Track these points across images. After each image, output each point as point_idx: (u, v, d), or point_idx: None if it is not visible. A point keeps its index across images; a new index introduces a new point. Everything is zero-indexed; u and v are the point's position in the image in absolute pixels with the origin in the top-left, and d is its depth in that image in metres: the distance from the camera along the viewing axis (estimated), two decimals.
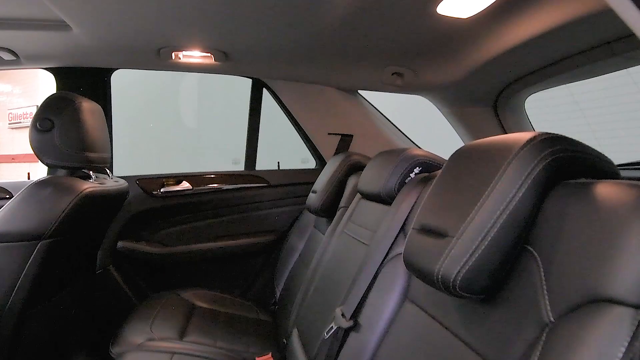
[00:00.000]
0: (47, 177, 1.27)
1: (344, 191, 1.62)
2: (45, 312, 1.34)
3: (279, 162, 2.29)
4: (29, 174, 2.18)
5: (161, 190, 2.02)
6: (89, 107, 1.35)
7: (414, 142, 2.30)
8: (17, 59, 1.66)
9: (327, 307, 1.12)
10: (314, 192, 1.77)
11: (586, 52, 1.41)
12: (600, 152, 0.59)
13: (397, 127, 2.30)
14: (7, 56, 1.63)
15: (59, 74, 1.84)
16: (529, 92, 1.85)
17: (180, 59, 1.74)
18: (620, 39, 1.29)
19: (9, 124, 6.24)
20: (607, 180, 0.52)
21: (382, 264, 0.94)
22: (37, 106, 1.30)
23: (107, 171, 1.58)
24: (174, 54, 1.70)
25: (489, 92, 1.88)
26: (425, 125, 2.52)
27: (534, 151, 0.55)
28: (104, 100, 1.90)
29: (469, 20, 1.31)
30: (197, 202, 2.10)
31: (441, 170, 0.76)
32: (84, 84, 1.86)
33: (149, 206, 2.01)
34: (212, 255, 2.07)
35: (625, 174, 0.59)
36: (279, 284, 1.88)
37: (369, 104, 2.26)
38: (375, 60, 1.75)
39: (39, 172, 2.25)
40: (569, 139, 0.57)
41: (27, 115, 6.02)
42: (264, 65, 1.90)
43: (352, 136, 2.20)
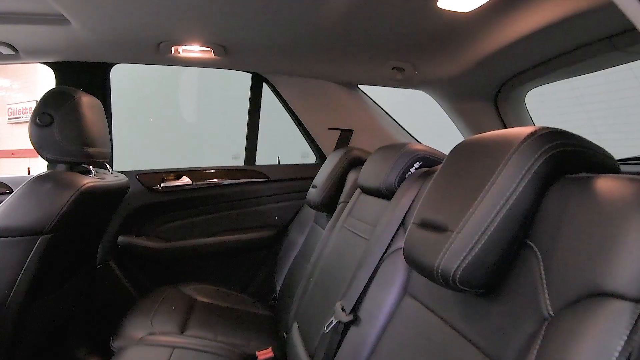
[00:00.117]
0: (47, 172, 1.27)
1: (344, 186, 1.62)
2: (46, 307, 1.34)
3: (279, 157, 2.29)
4: (28, 169, 2.19)
5: (161, 185, 2.02)
6: (88, 102, 1.35)
7: (414, 137, 2.30)
8: (16, 53, 1.65)
9: (327, 302, 1.13)
10: (314, 187, 1.77)
11: (587, 47, 1.40)
12: (600, 147, 0.59)
13: (397, 122, 2.30)
14: (6, 51, 1.62)
15: (58, 68, 1.83)
16: (530, 87, 1.84)
17: (179, 53, 1.73)
18: (621, 33, 1.29)
19: (9, 119, 6.24)
20: (608, 174, 0.52)
21: (382, 258, 0.94)
22: (37, 101, 1.30)
23: (107, 166, 1.58)
24: (173, 49, 1.69)
25: (489, 87, 1.88)
26: (425, 120, 2.51)
27: (534, 146, 0.55)
28: (103, 94, 1.90)
29: (469, 14, 1.31)
30: (197, 197, 2.10)
31: (441, 165, 0.76)
32: (84, 78, 1.85)
33: (149, 201, 2.01)
34: (212, 250, 2.08)
35: (625, 169, 0.59)
36: (279, 279, 1.89)
37: (369, 98, 2.26)
38: (375, 54, 1.74)
39: (39, 167, 2.25)
40: (570, 133, 0.57)
41: (27, 110, 6.01)
42: (263, 59, 1.89)
43: (352, 131, 2.20)
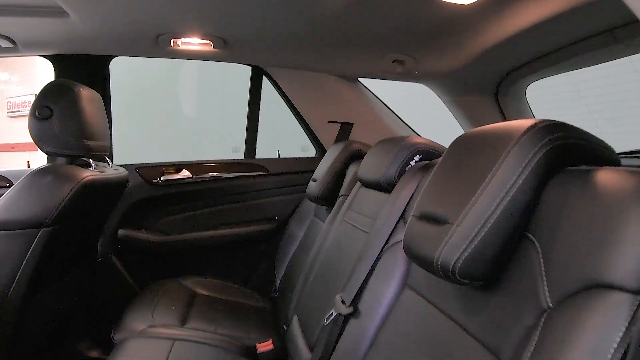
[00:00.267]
0: (47, 165, 1.27)
1: (344, 179, 1.62)
2: (47, 300, 1.35)
3: (278, 151, 2.29)
4: (28, 162, 2.19)
5: (161, 178, 2.02)
6: (88, 95, 1.35)
7: (414, 130, 2.30)
8: (15, 46, 1.64)
9: (327, 294, 1.13)
10: (314, 180, 1.77)
11: (588, 39, 1.40)
12: (601, 140, 0.59)
13: (397, 116, 2.29)
14: (4, 43, 1.61)
15: (57, 61, 1.83)
16: (531, 80, 1.84)
17: (179, 46, 1.72)
18: (623, 25, 1.28)
19: (8, 113, 6.22)
20: (608, 167, 0.52)
21: (381, 251, 0.95)
22: (36, 94, 1.29)
23: (107, 159, 1.58)
24: (172, 41, 1.68)
25: (490, 80, 1.87)
26: (425, 113, 2.51)
27: (534, 138, 0.55)
28: (102, 87, 1.89)
29: (470, 6, 1.30)
30: (197, 190, 2.10)
31: (441, 158, 0.75)
32: (83, 71, 1.84)
33: (149, 194, 2.01)
34: (212, 243, 2.08)
35: (626, 162, 0.59)
36: (279, 272, 1.89)
37: (370, 92, 2.25)
38: (375, 47, 1.74)
39: (39, 161, 2.25)
40: (570, 126, 0.57)
41: (26, 103, 5.99)
42: (263, 52, 1.88)
43: (352, 124, 2.20)
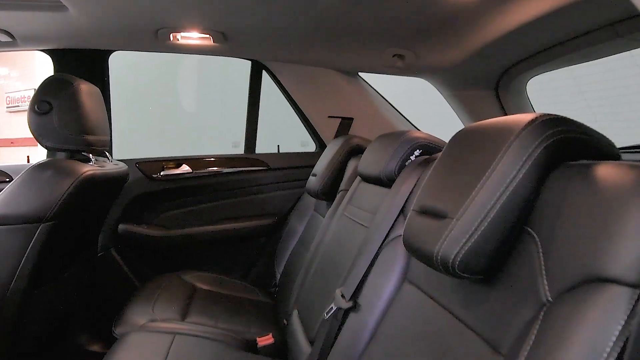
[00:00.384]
0: (47, 160, 1.27)
1: (344, 174, 1.62)
2: (47, 294, 1.35)
3: (278, 146, 2.29)
4: (28, 157, 2.18)
5: (161, 173, 2.02)
6: (87, 90, 1.34)
7: (414, 125, 2.29)
8: (14, 40, 1.64)
9: (327, 289, 1.14)
10: (314, 175, 1.77)
11: (590, 34, 1.39)
12: (601, 134, 0.59)
13: (397, 110, 2.29)
14: (3, 38, 1.60)
15: (56, 55, 1.82)
16: (531, 75, 1.83)
17: (178, 40, 1.72)
18: (625, 19, 1.27)
19: (7, 108, 6.20)
20: (608, 161, 0.52)
21: (381, 245, 0.95)
22: (35, 89, 1.29)
23: (107, 154, 1.58)
24: (172, 35, 1.68)
25: (490, 75, 1.87)
26: (425, 108, 2.50)
27: (535, 132, 0.55)
28: (102, 82, 1.88)
29: (471, 0, 1.29)
30: (197, 185, 2.10)
31: (441, 152, 0.75)
32: (82, 65, 1.84)
33: (149, 189, 2.01)
34: (212, 238, 2.08)
35: (626, 157, 0.59)
36: (279, 267, 1.90)
37: (370, 86, 2.25)
38: (376, 41, 1.73)
39: (38, 156, 2.25)
40: (570, 120, 0.57)
41: (25, 98, 5.97)
42: (263, 46, 1.88)
43: (352, 119, 2.19)
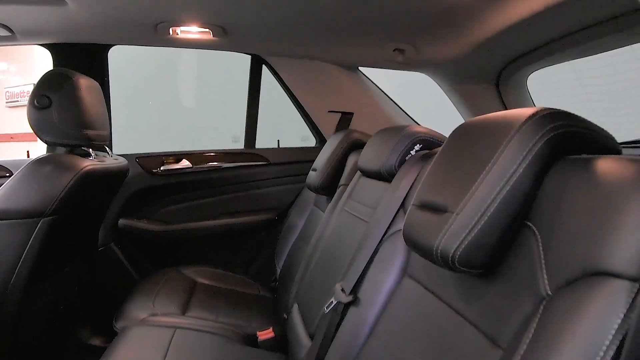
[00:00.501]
0: (47, 154, 1.27)
1: (344, 169, 1.62)
2: (48, 289, 1.36)
3: (278, 140, 2.29)
4: (28, 152, 2.18)
5: (161, 168, 2.02)
6: (86, 84, 1.34)
7: (414, 120, 2.29)
8: (13, 35, 1.63)
9: (327, 283, 1.14)
10: (314, 170, 1.77)
11: (591, 28, 1.38)
12: (602, 128, 0.59)
13: (397, 105, 2.28)
14: (2, 32, 1.60)
15: (55, 50, 1.81)
16: (532, 69, 1.83)
17: (178, 34, 1.71)
18: (626, 13, 1.27)
19: (6, 103, 6.18)
20: (609, 155, 0.51)
21: (381, 240, 0.95)
22: (34, 84, 1.29)
23: (107, 149, 1.58)
24: (171, 30, 1.67)
25: (491, 69, 1.86)
26: (426, 103, 2.50)
27: (535, 126, 0.55)
28: (101, 77, 1.88)
29: None
30: (197, 180, 2.10)
31: (442, 147, 0.75)
32: (81, 60, 1.83)
33: (149, 184, 2.01)
34: (212, 233, 2.09)
35: (627, 152, 0.59)
36: (279, 261, 1.90)
37: (370, 81, 2.24)
38: (376, 35, 1.72)
39: (38, 151, 2.25)
40: (571, 114, 0.57)
41: (24, 93, 5.95)
42: (263, 41, 1.87)
43: (352, 114, 2.19)
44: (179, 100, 4.79)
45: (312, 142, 2.35)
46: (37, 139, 1.30)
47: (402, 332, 0.76)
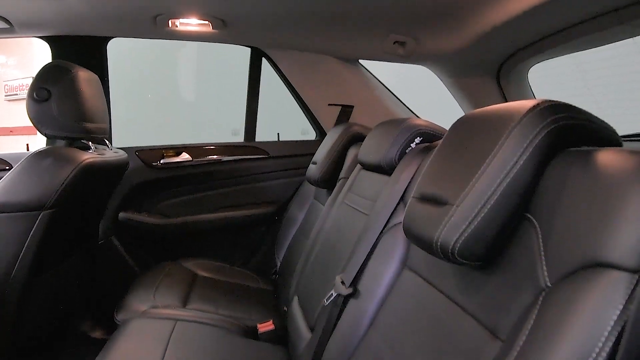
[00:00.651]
0: (47, 147, 1.27)
1: (344, 162, 1.62)
2: (49, 282, 1.36)
3: (278, 134, 2.28)
4: (27, 145, 2.18)
5: (161, 161, 2.02)
6: (85, 77, 1.33)
7: (414, 113, 2.28)
8: (11, 27, 1.62)
9: (327, 276, 1.14)
10: (314, 163, 1.77)
11: (593, 20, 1.37)
12: (603, 121, 0.58)
13: (398, 98, 2.28)
14: (0, 24, 1.59)
15: (54, 42, 1.80)
16: (533, 62, 1.82)
17: (177, 27, 1.70)
18: (628, 6, 1.26)
19: (5, 96, 6.16)
20: (609, 148, 0.51)
21: (381, 233, 0.95)
22: (33, 77, 1.28)
23: (107, 142, 1.57)
24: (170, 22, 1.66)
25: (492, 62, 1.85)
26: (426, 96, 2.49)
27: (536, 119, 0.54)
28: (100, 69, 1.87)
29: None
30: (197, 173, 2.10)
31: (442, 139, 0.75)
32: (80, 52, 1.82)
33: (149, 177, 2.01)
34: (212, 226, 2.09)
35: (628, 145, 0.59)
36: (279, 254, 1.91)
37: (370, 74, 2.23)
38: (376, 28, 1.71)
39: (38, 145, 2.24)
40: (572, 106, 0.57)
41: (24, 87, 5.92)
42: (263, 33, 1.86)
43: (352, 107, 2.18)
44: (178, 93, 4.78)
45: (312, 135, 2.35)
46: (37, 132, 1.30)
47: (401, 324, 0.76)
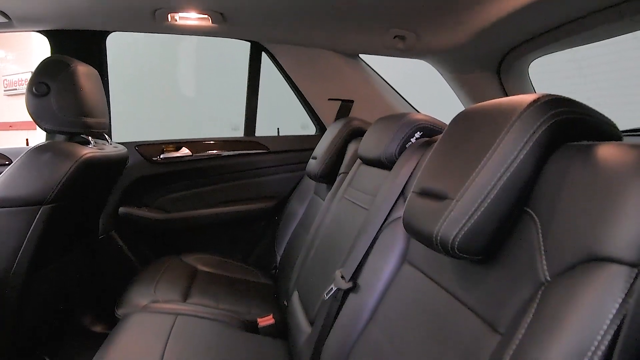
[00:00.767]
0: (46, 142, 1.27)
1: (344, 157, 1.62)
2: (49, 276, 1.36)
3: (278, 128, 2.28)
4: (27, 140, 2.17)
5: (161, 156, 2.02)
6: (85, 71, 1.33)
7: (414, 108, 2.28)
8: (9, 21, 1.61)
9: (327, 270, 1.14)
10: (314, 158, 1.77)
11: (594, 15, 1.37)
12: (603, 115, 0.58)
13: (398, 93, 2.27)
14: None
15: (52, 37, 1.80)
16: (534, 57, 1.81)
17: (176, 20, 1.69)
18: (628, 0, 1.25)
19: (5, 91, 6.14)
20: (609, 142, 0.51)
21: (381, 227, 0.95)
22: (32, 72, 1.28)
23: (106, 137, 1.57)
24: (169, 16, 1.65)
25: (492, 57, 1.85)
26: (426, 91, 2.48)
27: (537, 113, 0.54)
28: (99, 64, 1.86)
29: None
30: (197, 168, 2.10)
31: (442, 134, 0.75)
32: (79, 47, 1.81)
33: (149, 172, 2.01)
34: (212, 220, 2.09)
35: (628, 141, 0.59)
36: (279, 249, 1.91)
37: (370, 68, 2.23)
38: (377, 22, 1.70)
39: (37, 140, 2.23)
40: (573, 101, 0.57)
41: (23, 81, 5.90)
42: (262, 27, 1.85)
43: (352, 101, 2.18)
44: (177, 88, 4.77)
45: (312, 130, 2.35)
46: (36, 127, 1.30)
47: (401, 318, 0.76)
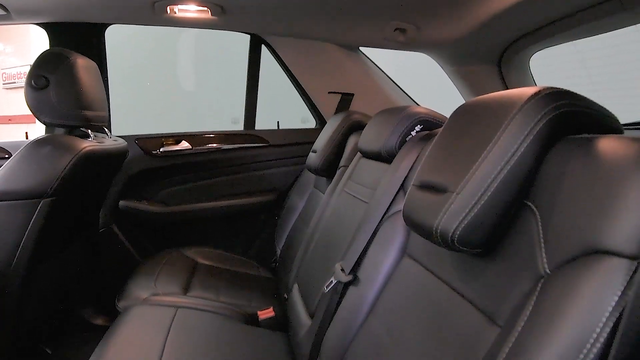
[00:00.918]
0: (46, 135, 1.26)
1: (344, 150, 1.61)
2: (50, 269, 1.37)
3: (278, 122, 2.27)
4: (26, 133, 2.17)
5: (160, 149, 2.01)
6: (84, 64, 1.32)
7: (414, 101, 2.27)
8: (8, 13, 1.60)
9: (327, 263, 1.15)
10: (314, 151, 1.77)
11: (596, 7, 1.36)
12: (604, 108, 0.58)
13: (398, 86, 2.26)
14: None
15: (51, 29, 1.79)
16: (534, 50, 1.80)
17: (175, 13, 1.68)
18: None
19: (4, 84, 6.12)
20: (610, 135, 0.51)
21: (381, 220, 0.95)
22: (31, 65, 1.27)
23: (106, 130, 1.57)
24: (169, 8, 1.64)
25: (493, 49, 1.84)
26: (427, 84, 2.47)
27: (538, 105, 0.54)
28: (98, 57, 1.85)
29: None
30: (197, 161, 2.10)
31: (442, 127, 0.75)
32: (78, 39, 1.80)
33: (149, 166, 2.01)
34: (212, 214, 2.10)
35: (629, 134, 0.58)
36: (279, 242, 1.92)
37: (371, 61, 2.22)
38: (377, 14, 1.69)
39: (37, 133, 2.23)
40: (574, 93, 0.56)
41: (21, 75, 5.88)
42: (262, 20, 1.84)
43: (352, 95, 2.17)
44: (177, 81, 4.75)
45: (312, 123, 2.34)
46: (36, 121, 1.29)
47: (401, 311, 0.77)
